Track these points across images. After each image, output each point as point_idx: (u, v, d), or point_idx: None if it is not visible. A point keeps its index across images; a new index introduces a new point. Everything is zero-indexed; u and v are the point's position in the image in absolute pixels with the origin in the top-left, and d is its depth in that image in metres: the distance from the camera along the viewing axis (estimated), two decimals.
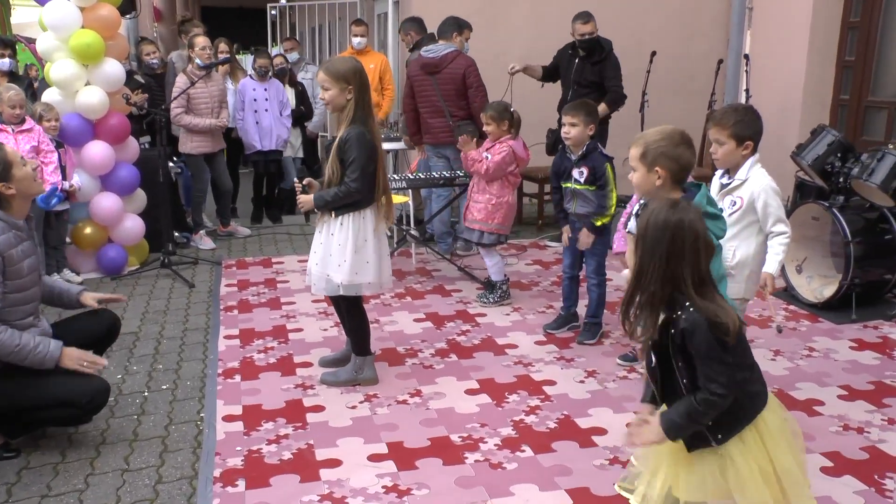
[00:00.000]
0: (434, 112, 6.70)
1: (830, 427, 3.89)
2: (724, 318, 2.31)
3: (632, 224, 2.50)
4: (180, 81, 7.11)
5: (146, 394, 4.29)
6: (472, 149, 5.60)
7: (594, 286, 5.02)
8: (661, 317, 2.40)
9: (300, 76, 8.93)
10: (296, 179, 4.23)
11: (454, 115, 6.60)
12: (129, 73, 7.29)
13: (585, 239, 4.89)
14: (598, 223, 4.85)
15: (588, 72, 7.00)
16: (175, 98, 7.06)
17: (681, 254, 2.33)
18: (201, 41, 7.19)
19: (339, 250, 4.08)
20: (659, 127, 2.99)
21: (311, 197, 4.08)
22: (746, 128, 3.65)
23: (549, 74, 7.37)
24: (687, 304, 2.33)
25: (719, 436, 2.43)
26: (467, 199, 5.78)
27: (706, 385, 2.33)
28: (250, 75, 8.11)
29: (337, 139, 3.99)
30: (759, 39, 8.66)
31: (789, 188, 6.58)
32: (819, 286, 5.74)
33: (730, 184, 3.74)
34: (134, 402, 4.19)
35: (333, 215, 4.08)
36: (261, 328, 5.26)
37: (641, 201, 2.54)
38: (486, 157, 5.53)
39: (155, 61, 7.84)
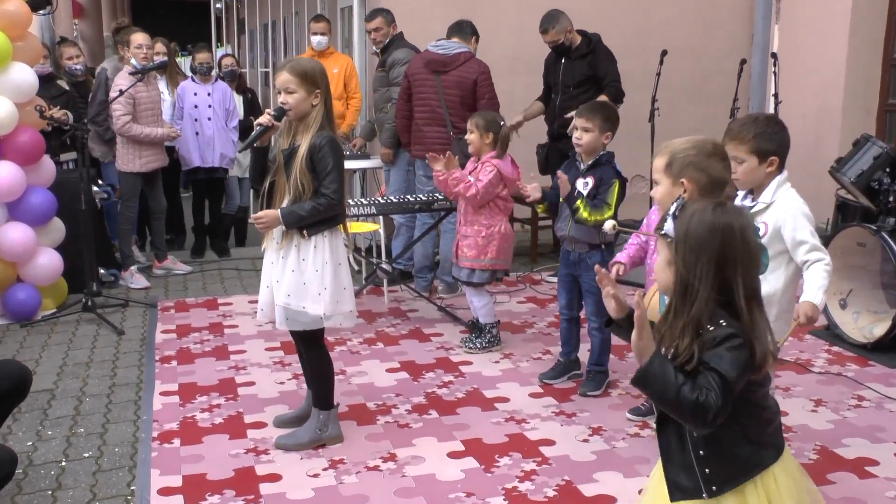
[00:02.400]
0: (431, 119, 6.74)
1: (887, 492, 3.91)
2: (757, 347, 2.32)
3: (668, 226, 2.45)
4: (121, 79, 7.06)
5: (63, 464, 4.25)
6: (455, 167, 5.57)
7: (595, 330, 5.05)
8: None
9: None
10: (269, 112, 4.14)
11: (456, 126, 6.59)
12: (50, 78, 7.30)
13: (564, 182, 4.80)
14: (579, 205, 4.77)
15: (577, 69, 7.11)
16: (114, 100, 6.96)
17: (732, 260, 2.33)
18: (139, 38, 7.20)
19: (317, 277, 4.10)
20: (689, 136, 3.01)
21: (274, 212, 4.08)
22: (769, 141, 3.68)
23: (547, 97, 7.46)
24: (722, 321, 2.33)
25: (713, 487, 2.41)
26: (455, 237, 5.80)
27: (701, 385, 2.29)
28: (191, 76, 8.14)
29: (304, 147, 4.03)
30: (788, 35, 8.80)
31: (829, 209, 6.65)
32: (868, 324, 5.79)
33: (753, 207, 3.77)
34: (48, 474, 4.15)
35: (306, 235, 4.10)
36: (204, 382, 5.24)
37: (680, 200, 2.51)
38: (471, 181, 5.55)
39: (78, 67, 7.86)
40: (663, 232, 2.47)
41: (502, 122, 5.66)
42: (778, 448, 2.49)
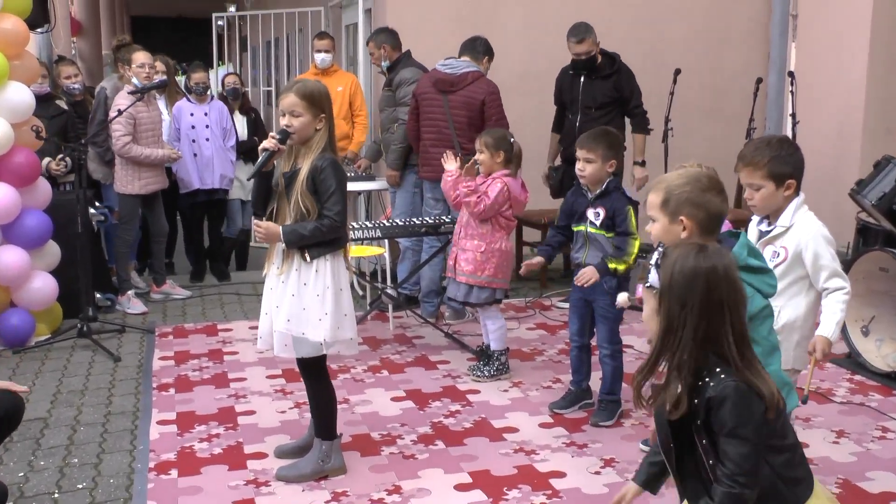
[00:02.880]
0: (439, 140, 6.76)
1: None
2: (763, 389, 2.32)
3: (653, 277, 2.49)
4: (121, 99, 7.08)
5: (56, 495, 4.24)
6: (474, 176, 5.60)
7: (607, 357, 5.04)
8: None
9: None
10: (273, 136, 4.11)
11: (464, 147, 6.59)
12: (48, 97, 7.34)
13: (588, 274, 4.87)
14: (612, 265, 4.87)
15: (599, 89, 7.07)
16: (113, 120, 6.98)
17: (718, 306, 2.35)
18: (141, 57, 7.20)
19: (318, 302, 4.11)
20: (681, 169, 3.03)
21: (276, 227, 4.09)
22: (785, 164, 3.68)
23: (560, 120, 7.44)
24: (718, 369, 2.35)
25: None
26: (453, 248, 5.81)
27: (725, 470, 2.32)
28: (186, 96, 8.18)
29: (305, 170, 4.06)
30: (806, 53, 8.82)
31: (849, 233, 6.64)
32: (892, 351, 5.77)
33: (770, 231, 3.76)
34: None
35: (308, 258, 4.11)
36: (203, 411, 5.23)
37: (660, 248, 2.56)
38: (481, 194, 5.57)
39: (76, 86, 7.89)
40: (648, 284, 2.50)
41: (513, 140, 5.66)
42: (808, 482, 2.50)
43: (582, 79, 7.10)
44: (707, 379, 2.36)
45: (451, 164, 5.65)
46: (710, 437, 2.38)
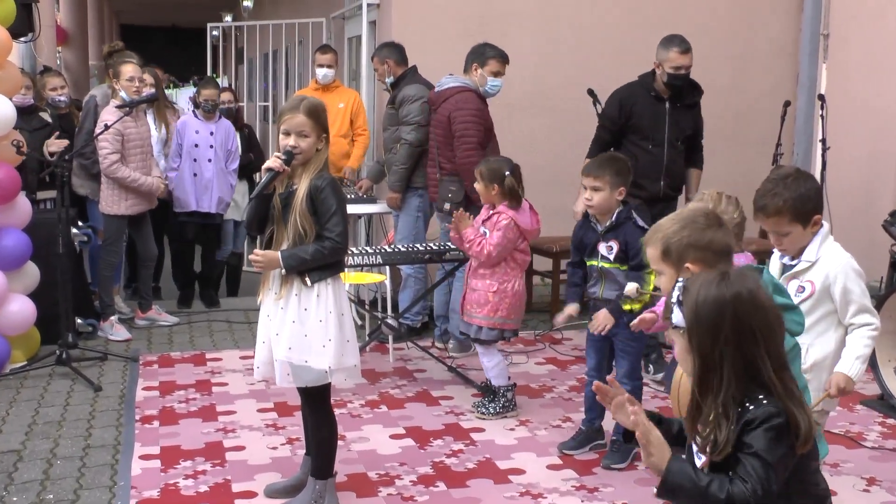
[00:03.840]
0: (431, 160, 6.93)
1: None
2: (801, 420, 2.31)
3: (676, 317, 2.48)
4: (108, 114, 7.05)
5: None
6: (468, 226, 5.59)
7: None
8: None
9: None
10: (277, 156, 4.11)
11: (443, 167, 6.76)
12: (32, 110, 7.37)
13: (602, 320, 4.87)
14: (627, 307, 4.86)
15: (684, 120, 6.64)
16: (99, 136, 6.98)
17: (750, 332, 2.35)
18: (130, 70, 7.17)
19: (321, 328, 4.12)
20: (673, 214, 3.04)
21: (274, 253, 4.11)
22: (806, 200, 3.67)
23: (603, 151, 6.52)
24: (761, 396, 2.34)
25: None
26: (464, 286, 5.81)
27: (743, 486, 2.30)
28: (194, 112, 8.19)
29: (303, 189, 4.08)
30: (837, 75, 8.84)
31: (882, 267, 6.63)
32: None
33: (794, 265, 3.76)
34: None
35: (308, 282, 4.11)
36: (189, 445, 5.22)
37: (679, 283, 2.54)
38: (485, 234, 5.55)
39: (62, 98, 7.93)
40: (674, 324, 2.48)
41: (507, 172, 5.55)
42: None
43: (667, 105, 6.53)
44: (748, 405, 2.35)
45: (462, 223, 5.59)
46: (737, 449, 2.37)
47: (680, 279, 2.61)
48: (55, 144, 6.93)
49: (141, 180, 7.26)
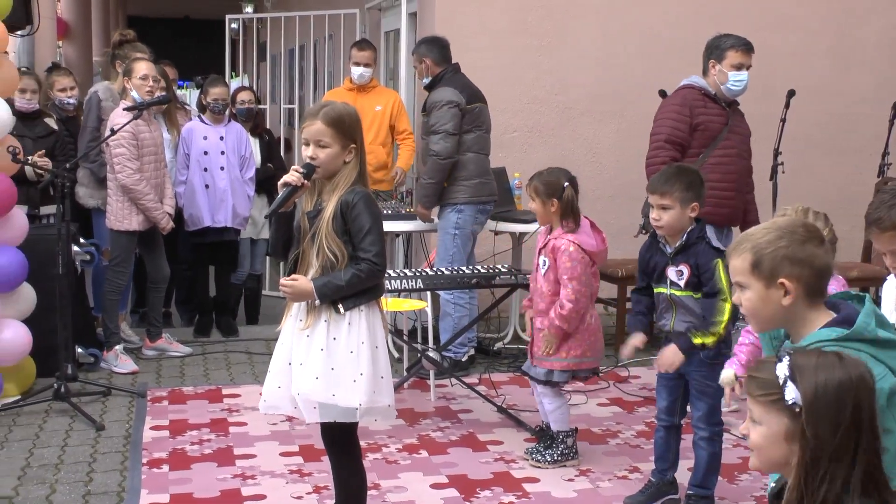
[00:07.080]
0: None
1: None
2: None
3: (792, 394, 2.41)
4: (118, 116, 7.06)
5: None
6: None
7: (703, 440, 5.00)
8: None
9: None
10: (296, 169, 4.13)
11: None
12: (37, 114, 7.47)
13: (669, 357, 4.86)
14: (698, 340, 4.83)
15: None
16: (107, 140, 6.99)
17: (871, 423, 2.35)
18: (143, 67, 7.22)
19: (352, 360, 4.10)
20: (766, 223, 3.01)
21: (306, 283, 4.09)
22: None
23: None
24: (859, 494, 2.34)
25: None
26: (528, 328, 5.83)
27: None
28: (199, 115, 8.26)
29: (332, 207, 4.07)
30: None
31: None
32: None
33: None
34: None
35: (341, 309, 4.12)
36: (203, 493, 5.25)
37: (786, 357, 2.49)
38: (543, 264, 5.53)
39: (71, 100, 8.01)
40: (790, 402, 2.43)
41: (566, 183, 5.47)
42: None
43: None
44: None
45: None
46: None
47: (785, 354, 2.51)
48: (42, 162, 6.94)
49: (151, 208, 7.26)
